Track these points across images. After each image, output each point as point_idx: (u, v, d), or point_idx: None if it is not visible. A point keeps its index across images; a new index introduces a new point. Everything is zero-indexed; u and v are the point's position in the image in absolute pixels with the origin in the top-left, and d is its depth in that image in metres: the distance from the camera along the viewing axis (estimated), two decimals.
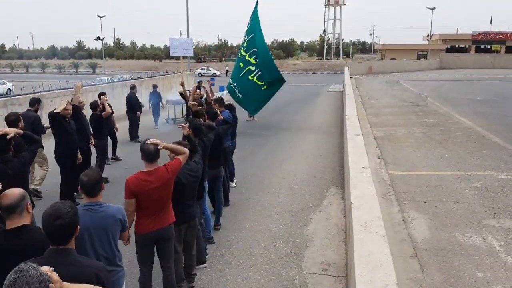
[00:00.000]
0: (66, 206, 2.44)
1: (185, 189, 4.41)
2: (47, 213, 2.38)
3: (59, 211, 2.38)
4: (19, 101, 14.02)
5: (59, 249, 2.37)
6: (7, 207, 2.75)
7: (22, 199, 2.83)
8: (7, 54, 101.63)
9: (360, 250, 3.39)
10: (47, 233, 2.38)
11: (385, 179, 8.73)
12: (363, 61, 61.19)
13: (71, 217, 2.41)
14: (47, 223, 2.36)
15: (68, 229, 2.39)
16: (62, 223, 2.35)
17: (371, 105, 20.64)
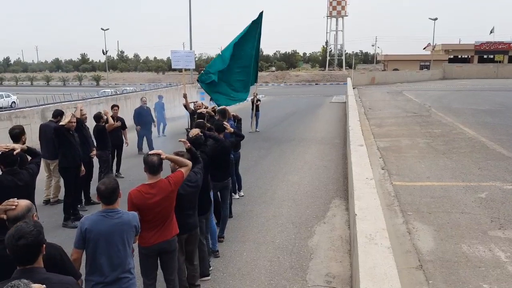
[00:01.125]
0: (30, 225, 2.38)
1: (184, 199, 4.40)
2: (10, 234, 2.33)
3: (22, 231, 2.31)
4: (24, 113, 14.11)
5: (26, 269, 2.33)
6: (14, 218, 2.76)
7: (28, 211, 2.86)
8: (12, 67, 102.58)
9: (365, 262, 3.36)
10: (11, 254, 2.32)
11: (389, 190, 8.69)
12: (365, 72, 61.31)
13: (35, 236, 2.34)
14: (10, 244, 2.30)
15: (32, 248, 2.33)
16: (25, 242, 2.29)
17: (374, 116, 20.64)
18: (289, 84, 63.72)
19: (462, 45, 72.98)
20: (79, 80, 72.01)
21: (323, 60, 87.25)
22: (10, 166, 4.45)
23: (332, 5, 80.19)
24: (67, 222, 7.18)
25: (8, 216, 2.78)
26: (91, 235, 3.32)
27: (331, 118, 21.98)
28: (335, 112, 24.36)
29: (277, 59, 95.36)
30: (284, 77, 69.25)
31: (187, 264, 4.72)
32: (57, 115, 8.16)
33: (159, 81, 65.34)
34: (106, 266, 3.34)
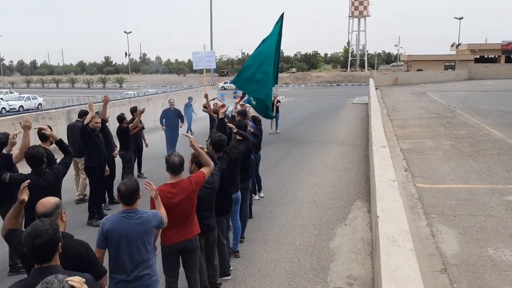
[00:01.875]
0: (46, 224, 2.41)
1: (201, 201, 4.43)
2: (26, 232, 2.37)
3: (38, 230, 2.34)
4: (50, 115, 14.49)
5: (43, 267, 2.36)
6: (43, 214, 2.83)
7: (56, 208, 2.94)
8: (38, 70, 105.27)
9: (388, 264, 3.31)
10: (28, 252, 2.36)
11: (412, 192, 8.55)
12: (388, 73, 60.52)
13: (51, 234, 2.37)
14: (27, 242, 2.33)
15: (49, 247, 2.36)
16: (41, 241, 2.32)
17: (397, 117, 20.35)
18: (310, 85, 63.44)
19: (489, 44, 71.27)
20: (103, 82, 73.35)
21: (344, 60, 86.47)
22: (37, 167, 4.56)
23: (354, 5, 79.46)
24: (92, 220, 7.32)
25: (37, 213, 2.85)
26: (112, 235, 3.39)
27: (352, 119, 21.77)
28: (357, 114, 24.12)
29: (297, 60, 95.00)
30: (305, 78, 68.96)
31: (207, 264, 4.76)
32: (82, 115, 8.45)
33: (180, 83, 66.01)
34: (128, 265, 3.42)
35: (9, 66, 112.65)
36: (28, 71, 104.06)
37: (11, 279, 5.38)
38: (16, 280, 4.99)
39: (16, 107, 33.50)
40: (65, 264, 2.52)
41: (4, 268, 5.69)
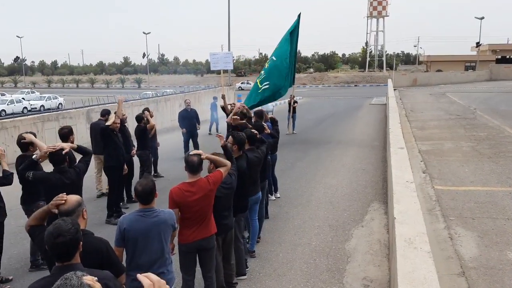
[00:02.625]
0: (68, 223, 2.45)
1: (220, 201, 4.47)
2: (48, 231, 2.40)
3: (60, 229, 2.38)
4: (70, 114, 14.77)
5: (64, 266, 2.40)
6: (65, 212, 2.92)
7: (78, 205, 3.02)
8: (59, 70, 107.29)
9: (404, 266, 3.30)
10: (50, 251, 2.40)
11: (430, 194, 8.45)
12: (407, 73, 59.75)
13: (72, 234, 2.41)
14: (49, 241, 2.38)
15: (70, 246, 2.40)
16: (63, 240, 2.36)
17: (416, 118, 20.11)
18: (327, 85, 63.09)
19: (511, 45, 69.73)
20: (122, 83, 74.26)
21: (362, 61, 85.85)
22: (59, 165, 4.69)
23: (373, 5, 78.79)
24: (110, 219, 7.45)
25: (60, 210, 2.94)
26: (130, 234, 3.47)
27: (370, 120, 21.60)
28: (374, 114, 23.91)
29: (315, 60, 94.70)
30: (322, 79, 68.61)
31: (224, 263, 4.81)
32: (104, 114, 8.72)
33: (197, 83, 66.39)
34: (144, 263, 3.49)
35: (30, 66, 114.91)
36: (49, 71, 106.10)
37: (32, 275, 5.52)
38: (37, 275, 5.12)
39: (37, 106, 34.21)
40: (86, 261, 2.58)
41: (26, 264, 5.84)
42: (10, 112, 30.81)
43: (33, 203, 5.60)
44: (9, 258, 5.91)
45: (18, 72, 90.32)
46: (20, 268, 5.78)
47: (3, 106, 31.93)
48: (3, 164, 5.01)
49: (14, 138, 11.32)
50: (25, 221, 5.90)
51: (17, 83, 78.85)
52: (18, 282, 5.38)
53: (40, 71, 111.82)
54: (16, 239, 6.57)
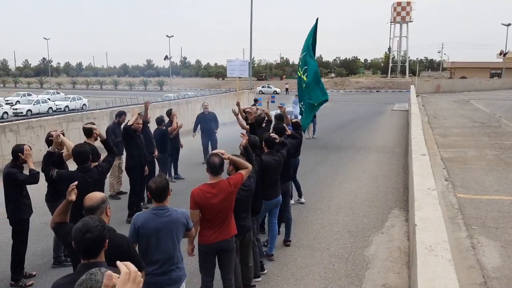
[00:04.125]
0: (95, 220, 2.50)
1: (239, 203, 4.50)
2: (77, 227, 2.45)
3: (88, 225, 2.43)
4: (94, 115, 15.06)
5: (90, 263, 2.44)
6: (89, 208, 3.01)
7: (103, 202, 3.10)
8: (83, 72, 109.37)
9: (424, 274, 3.25)
10: (77, 247, 2.44)
11: (452, 203, 8.30)
12: (430, 79, 58.82)
13: (100, 230, 2.45)
14: (77, 237, 2.42)
15: (97, 242, 2.44)
16: (91, 236, 2.40)
17: (439, 125, 19.78)
18: (349, 91, 62.64)
19: None
20: (144, 85, 75.19)
21: (385, 66, 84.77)
22: (82, 164, 4.79)
23: (396, 10, 77.82)
24: (131, 218, 7.54)
25: (84, 206, 3.03)
26: (143, 231, 3.55)
27: (392, 126, 21.34)
28: (396, 120, 23.62)
29: (336, 65, 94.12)
30: (344, 84, 68.14)
31: (242, 265, 4.82)
32: (121, 115, 9.02)
33: (218, 86, 66.86)
34: (157, 260, 3.56)
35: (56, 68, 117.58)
36: (74, 73, 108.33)
37: (55, 271, 5.66)
38: (59, 272, 5.25)
39: (62, 107, 34.96)
40: (108, 257, 2.63)
41: (49, 260, 5.97)
42: (36, 112, 31.61)
43: (58, 201, 5.70)
44: (33, 254, 6.06)
45: (44, 73, 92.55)
46: (43, 264, 5.92)
47: (30, 106, 32.77)
48: (29, 163, 5.15)
49: (40, 137, 11.65)
50: (49, 218, 6.06)
51: (43, 84, 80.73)
52: (41, 278, 5.51)
53: (66, 73, 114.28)
54: (40, 236, 6.73)
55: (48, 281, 5.38)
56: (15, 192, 5.26)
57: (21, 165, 5.25)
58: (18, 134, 11.89)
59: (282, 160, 5.85)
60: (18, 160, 5.22)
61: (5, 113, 30.34)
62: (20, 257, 5.37)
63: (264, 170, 5.40)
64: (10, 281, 5.31)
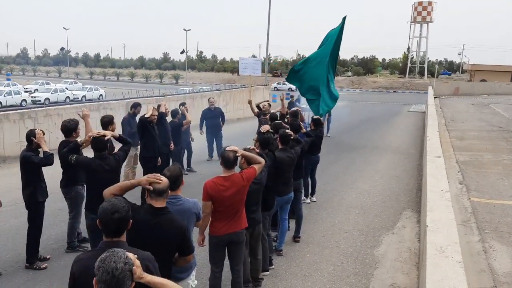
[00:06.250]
0: (122, 201, 2.60)
1: (249, 196, 4.52)
2: (105, 207, 2.53)
3: (116, 206, 2.52)
4: (110, 105, 15.25)
5: (112, 241, 2.52)
6: (159, 191, 3.16)
7: (168, 187, 3.25)
8: (101, 63, 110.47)
9: (433, 274, 3.24)
10: (104, 226, 2.53)
11: (466, 206, 8.21)
12: (449, 81, 57.95)
13: (126, 211, 2.55)
14: (105, 216, 2.50)
15: (123, 222, 2.54)
16: (119, 216, 2.50)
17: (456, 128, 19.51)
18: (365, 90, 62.14)
19: None
20: (160, 78, 75.68)
21: (403, 67, 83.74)
22: (100, 151, 4.89)
23: (417, 10, 76.81)
24: None
25: (155, 188, 3.16)
26: None
27: (407, 127, 21.14)
28: (412, 122, 23.38)
29: (354, 64, 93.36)
30: (360, 83, 67.59)
31: (251, 258, 4.87)
32: (135, 106, 9.19)
33: (234, 81, 66.91)
34: None
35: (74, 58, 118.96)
36: (91, 63, 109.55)
37: (69, 255, 5.78)
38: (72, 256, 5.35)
39: (79, 97, 35.45)
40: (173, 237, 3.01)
41: (62, 245, 6.10)
42: (54, 100, 32.10)
43: (72, 187, 5.86)
44: (47, 238, 6.19)
45: (62, 62, 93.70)
46: (57, 248, 6.05)
47: (48, 94, 33.30)
48: (43, 146, 5.25)
49: (57, 125, 11.83)
50: (64, 204, 6.21)
51: (61, 73, 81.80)
52: (55, 262, 5.64)
53: (84, 63, 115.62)
54: (55, 221, 6.87)
55: (62, 265, 5.51)
56: (31, 175, 5.38)
57: (36, 149, 5.36)
58: (36, 121, 12.10)
59: (296, 157, 5.86)
60: (32, 144, 5.33)
61: (23, 100, 30.87)
62: (35, 241, 5.49)
63: (277, 166, 5.41)
64: (25, 263, 5.45)
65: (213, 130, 11.91)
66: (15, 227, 6.67)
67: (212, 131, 11.91)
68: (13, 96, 30.38)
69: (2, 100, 28.87)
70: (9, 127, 11.48)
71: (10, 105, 28.06)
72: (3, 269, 5.35)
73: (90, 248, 5.02)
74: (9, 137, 11.41)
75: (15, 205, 7.38)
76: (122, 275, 1.93)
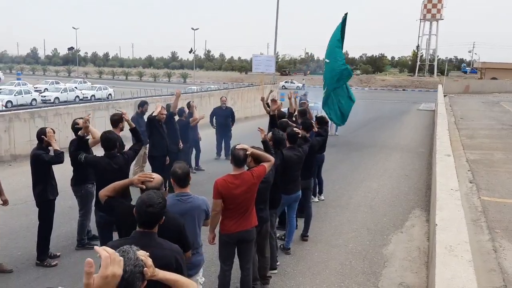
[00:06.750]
0: (159, 197, 2.70)
1: (257, 194, 4.52)
2: (142, 199, 2.65)
3: (152, 200, 2.63)
4: (119, 104, 15.34)
5: (145, 232, 2.62)
6: (152, 189, 3.09)
7: (162, 184, 3.28)
8: (110, 62, 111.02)
9: (443, 273, 3.23)
10: (138, 216, 2.63)
11: (476, 205, 8.13)
12: (459, 79, 57.41)
13: (161, 207, 2.65)
14: (140, 208, 2.61)
15: (157, 217, 2.63)
16: (153, 211, 2.60)
17: (466, 126, 19.34)
18: (374, 88, 61.81)
19: None
20: (168, 77, 75.88)
21: (412, 65, 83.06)
22: (109, 150, 4.93)
23: (427, 7, 76.03)
24: None
25: (147, 186, 3.15)
26: None
27: (417, 126, 21.00)
28: (422, 120, 23.22)
29: (362, 62, 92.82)
30: (369, 81, 67.25)
31: (259, 256, 4.88)
32: (142, 105, 9.30)
33: (241, 80, 66.92)
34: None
35: (84, 57, 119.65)
36: (100, 63, 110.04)
37: (78, 253, 5.85)
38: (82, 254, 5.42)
39: (89, 96, 35.68)
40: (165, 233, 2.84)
41: (72, 242, 6.16)
42: (63, 99, 32.34)
43: (82, 185, 5.91)
44: (57, 236, 6.25)
45: (72, 62, 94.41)
46: (67, 246, 6.11)
47: (57, 94, 33.54)
48: (53, 144, 5.30)
49: (67, 124, 11.92)
50: (74, 202, 6.27)
51: (71, 73, 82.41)
52: (65, 259, 5.70)
53: (92, 62, 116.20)
54: (65, 219, 6.93)
55: (72, 262, 5.57)
56: (42, 173, 5.43)
57: (46, 147, 5.42)
58: (46, 120, 12.21)
59: (303, 156, 5.84)
60: (43, 143, 5.39)
61: (33, 99, 31.14)
62: (46, 238, 5.56)
63: (285, 165, 5.41)
64: (36, 261, 5.51)
65: (222, 129, 11.93)
66: (25, 224, 6.75)
67: (221, 130, 11.93)
68: (23, 95, 30.66)
69: (12, 99, 29.14)
70: (19, 126, 11.61)
71: (21, 104, 28.34)
72: (14, 266, 5.42)
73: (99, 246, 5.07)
74: (20, 136, 11.53)
75: (25, 203, 7.47)
76: (132, 277, 1.95)
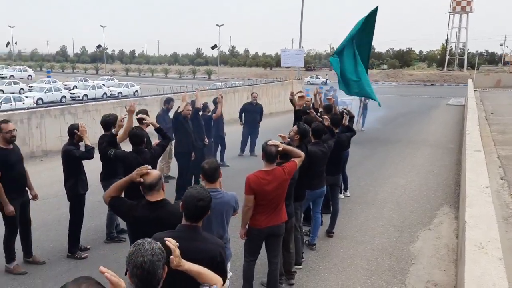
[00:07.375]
0: (206, 191, 2.82)
1: None
2: (191, 194, 2.74)
3: (202, 195, 2.74)
4: (146, 101, 15.59)
5: (191, 225, 2.71)
6: (150, 184, 3.20)
7: (159, 179, 3.28)
8: (136, 60, 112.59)
9: (472, 270, 3.16)
10: (188, 210, 2.71)
11: (507, 202, 7.90)
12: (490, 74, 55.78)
13: (209, 202, 2.77)
14: (191, 202, 2.70)
15: (204, 210, 2.74)
16: (202, 204, 2.71)
17: (497, 122, 18.76)
18: (401, 83, 60.68)
19: None
20: (193, 74, 76.46)
21: (441, 59, 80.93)
22: (137, 145, 5.04)
23: (456, 0, 74.04)
24: (178, 201, 7.81)
25: (145, 181, 3.19)
26: None
27: (446, 121, 20.53)
28: (451, 115, 22.68)
29: (389, 56, 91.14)
30: (396, 76, 66.04)
31: (284, 251, 4.88)
32: (168, 101, 9.46)
33: (266, 76, 66.81)
34: None
35: (111, 55, 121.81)
36: (127, 60, 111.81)
37: (107, 246, 6.00)
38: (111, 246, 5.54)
39: (116, 93, 36.34)
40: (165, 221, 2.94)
41: (102, 236, 6.31)
42: (91, 96, 33.06)
43: (111, 180, 6.01)
44: (87, 230, 6.42)
45: (99, 59, 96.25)
46: (97, 239, 6.27)
47: (86, 91, 34.35)
48: (85, 139, 5.43)
49: (95, 121, 12.21)
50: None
51: (98, 70, 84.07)
52: (95, 252, 5.85)
53: (119, 60, 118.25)
54: (94, 213, 7.11)
55: (102, 255, 5.72)
56: (73, 168, 5.58)
57: (77, 143, 5.57)
58: (75, 116, 12.53)
59: (328, 152, 5.79)
60: (74, 138, 5.53)
61: (63, 97, 32.00)
62: (77, 231, 5.72)
63: (310, 161, 5.38)
64: (67, 253, 5.69)
65: (250, 125, 11.85)
66: (57, 218, 6.96)
67: (249, 126, 11.85)
68: (53, 92, 31.54)
69: (43, 97, 29.98)
70: (50, 122, 11.94)
71: (51, 101, 29.14)
72: (47, 258, 5.60)
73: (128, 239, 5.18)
74: (51, 132, 11.87)
75: (57, 197, 7.70)
76: (152, 267, 2.00)
